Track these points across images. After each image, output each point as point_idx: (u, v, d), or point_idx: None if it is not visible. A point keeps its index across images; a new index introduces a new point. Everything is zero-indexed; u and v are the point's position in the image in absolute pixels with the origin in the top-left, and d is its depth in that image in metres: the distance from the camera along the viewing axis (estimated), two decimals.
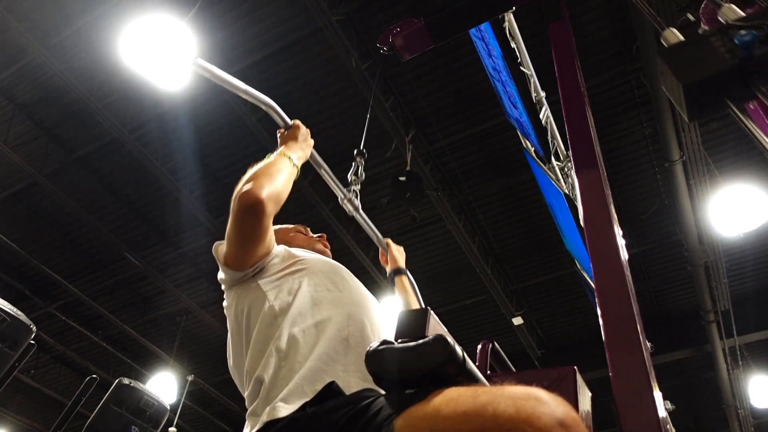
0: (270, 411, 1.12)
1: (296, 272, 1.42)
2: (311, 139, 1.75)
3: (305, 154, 1.69)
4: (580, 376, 1.85)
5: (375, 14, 5.30)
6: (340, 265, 1.55)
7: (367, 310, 1.40)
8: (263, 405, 1.16)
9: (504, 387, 0.84)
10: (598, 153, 2.23)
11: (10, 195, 7.24)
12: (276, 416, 1.10)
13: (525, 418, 0.77)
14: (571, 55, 2.74)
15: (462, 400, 0.85)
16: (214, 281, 8.21)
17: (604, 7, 5.24)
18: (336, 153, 6.45)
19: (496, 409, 0.80)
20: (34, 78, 6.05)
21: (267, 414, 1.12)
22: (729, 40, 1.01)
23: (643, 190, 6.76)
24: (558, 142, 5.54)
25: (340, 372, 1.19)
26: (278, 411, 1.10)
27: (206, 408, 10.82)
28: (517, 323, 8.01)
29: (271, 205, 1.33)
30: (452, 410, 0.84)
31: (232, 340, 1.44)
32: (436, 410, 0.86)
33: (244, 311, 1.39)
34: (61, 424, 4.17)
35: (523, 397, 0.80)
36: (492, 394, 0.83)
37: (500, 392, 0.83)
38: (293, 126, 1.74)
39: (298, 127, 1.73)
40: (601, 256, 1.86)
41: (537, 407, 0.78)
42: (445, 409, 0.85)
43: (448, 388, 0.90)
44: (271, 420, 1.10)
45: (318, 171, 1.98)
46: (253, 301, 1.38)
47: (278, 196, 1.38)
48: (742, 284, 7.69)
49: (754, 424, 9.26)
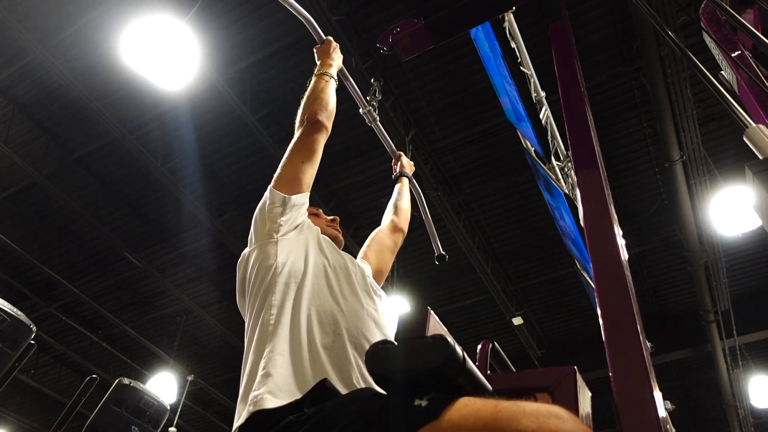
0: (256, 401, 1.12)
1: (306, 264, 1.44)
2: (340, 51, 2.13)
3: (338, 64, 2.08)
4: (580, 376, 1.85)
5: (375, 14, 5.30)
6: (350, 266, 1.55)
7: (369, 315, 1.41)
8: (248, 393, 1.16)
9: (523, 403, 0.84)
10: (598, 153, 2.23)
11: (10, 195, 7.24)
12: (262, 407, 1.10)
13: None
14: (571, 55, 2.74)
15: (481, 416, 0.84)
16: (214, 281, 8.27)
17: (604, 7, 5.24)
18: (336, 153, 6.48)
19: (518, 426, 0.79)
20: (34, 78, 6.05)
21: (253, 403, 1.12)
22: None
23: (643, 190, 6.76)
24: (558, 142, 5.54)
25: (333, 373, 1.19)
26: (264, 402, 1.11)
27: (206, 408, 10.82)
28: (517, 323, 8.02)
29: (329, 121, 1.70)
30: (472, 426, 0.84)
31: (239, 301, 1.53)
32: (454, 427, 0.85)
33: (250, 277, 1.44)
34: (61, 424, 4.16)
35: (545, 415, 0.80)
36: (513, 411, 0.82)
37: (521, 409, 0.82)
38: (326, 41, 2.14)
39: (330, 42, 2.13)
40: (601, 256, 1.86)
41: (559, 425, 0.78)
42: (464, 424, 0.84)
43: (459, 399, 0.89)
44: (257, 411, 1.10)
45: (344, 82, 2.35)
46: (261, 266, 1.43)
47: (331, 112, 1.75)
48: (742, 284, 7.69)
49: (754, 424, 9.26)
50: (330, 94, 1.81)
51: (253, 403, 1.12)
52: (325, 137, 1.67)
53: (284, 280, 1.38)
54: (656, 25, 1.74)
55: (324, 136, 1.66)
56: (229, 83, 5.64)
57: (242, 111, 5.79)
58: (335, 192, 6.83)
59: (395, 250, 2.07)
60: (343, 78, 2.28)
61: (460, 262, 7.38)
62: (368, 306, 1.44)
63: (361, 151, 6.37)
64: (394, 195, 2.35)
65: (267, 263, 1.42)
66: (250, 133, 6.12)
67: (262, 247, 1.46)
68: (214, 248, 7.66)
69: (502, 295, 7.69)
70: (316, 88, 1.81)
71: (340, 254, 1.59)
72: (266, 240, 1.47)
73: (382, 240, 2.03)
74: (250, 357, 1.28)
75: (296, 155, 1.60)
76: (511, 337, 8.55)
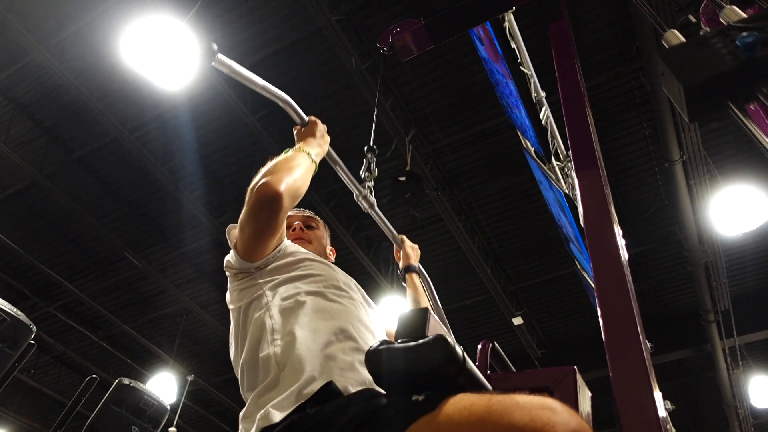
0: (264, 416, 1.11)
1: (298, 278, 1.42)
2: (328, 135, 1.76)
3: (323, 150, 1.69)
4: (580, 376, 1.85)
5: (375, 14, 5.30)
6: (338, 271, 1.55)
7: (363, 321, 1.40)
8: (256, 409, 1.15)
9: (516, 396, 0.84)
10: (598, 153, 2.23)
11: (10, 195, 7.24)
12: (271, 421, 1.09)
13: (540, 427, 0.77)
14: (571, 55, 2.74)
15: (475, 409, 0.84)
16: (214, 281, 8.26)
17: (604, 7, 5.24)
18: (337, 153, 6.48)
19: (511, 419, 0.79)
20: (34, 78, 6.05)
21: (261, 419, 1.11)
22: (731, 41, 1.01)
23: (643, 190, 6.76)
24: (558, 142, 5.54)
25: (336, 377, 1.19)
26: (272, 416, 1.10)
27: (206, 408, 10.82)
28: (517, 323, 8.01)
29: (289, 199, 1.33)
30: (466, 419, 0.84)
31: (232, 331, 1.45)
32: (449, 419, 0.86)
33: (242, 308, 1.40)
34: (61, 424, 4.16)
35: (537, 407, 0.80)
36: (506, 404, 0.82)
37: (514, 401, 0.82)
38: (310, 122, 1.75)
39: (315, 123, 1.74)
40: (601, 256, 1.86)
41: (551, 417, 0.78)
42: (458, 417, 0.85)
43: (456, 394, 0.89)
44: (266, 426, 1.10)
45: (334, 168, 1.99)
46: (253, 300, 1.39)
47: (297, 190, 1.37)
48: (742, 284, 7.69)
49: (754, 424, 9.26)
50: (304, 175, 1.44)
51: (262, 418, 1.12)
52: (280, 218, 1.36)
53: (277, 303, 1.36)
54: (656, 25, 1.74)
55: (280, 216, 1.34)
56: (229, 83, 5.64)
57: (242, 111, 5.79)
58: (335, 192, 6.83)
59: None
60: (331, 162, 1.92)
61: (460, 262, 7.38)
62: (361, 312, 1.43)
63: (361, 151, 6.35)
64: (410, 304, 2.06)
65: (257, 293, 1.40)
66: (250, 133, 6.12)
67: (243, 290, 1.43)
68: (214, 248, 7.66)
69: (502, 295, 7.69)
70: (291, 159, 1.45)
71: (324, 262, 1.57)
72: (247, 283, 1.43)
73: None
74: (250, 369, 1.27)
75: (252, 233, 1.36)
76: (511, 337, 8.55)
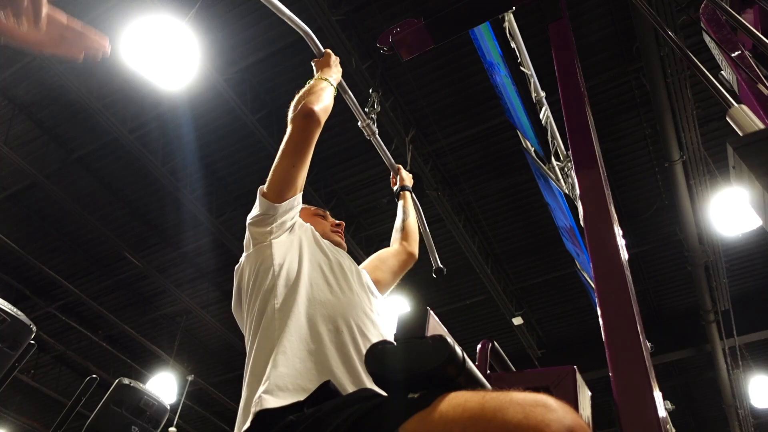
0: (259, 401, 1.14)
1: (301, 263, 1.45)
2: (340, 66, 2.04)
3: (338, 77, 1.98)
4: (580, 376, 1.85)
5: (375, 14, 5.30)
6: (345, 262, 1.57)
7: (365, 313, 1.41)
8: (252, 397, 1.18)
9: (511, 393, 0.83)
10: (598, 153, 2.23)
11: (10, 195, 7.24)
12: (265, 406, 1.12)
13: (534, 425, 0.76)
14: (571, 55, 2.75)
15: (469, 406, 0.84)
16: (214, 281, 8.26)
17: (604, 7, 5.24)
18: (337, 152, 6.49)
19: (504, 416, 0.79)
20: (34, 78, 6.05)
21: (256, 404, 1.14)
22: None
23: (643, 190, 6.76)
24: (558, 142, 5.54)
25: (334, 371, 1.20)
26: (267, 402, 1.12)
27: (206, 408, 10.81)
28: (517, 323, 8.01)
29: (322, 113, 1.60)
30: (459, 416, 0.84)
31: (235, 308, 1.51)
32: (443, 416, 0.86)
33: (251, 282, 1.44)
34: (61, 424, 4.16)
35: (531, 404, 0.79)
36: (500, 401, 0.82)
37: (508, 398, 0.82)
38: (326, 54, 2.05)
39: (329, 55, 2.05)
40: (601, 256, 1.86)
41: (546, 414, 0.77)
42: (452, 414, 0.85)
43: (452, 392, 0.89)
44: (260, 410, 1.12)
45: (343, 96, 2.30)
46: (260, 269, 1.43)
47: (326, 108, 1.65)
48: (742, 284, 7.69)
49: (754, 424, 9.26)
50: (328, 94, 1.72)
51: (256, 404, 1.14)
52: (318, 132, 1.58)
53: (283, 282, 1.39)
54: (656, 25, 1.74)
55: (317, 130, 1.58)
56: (229, 83, 5.64)
57: (242, 111, 5.79)
58: (335, 192, 6.83)
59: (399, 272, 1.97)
60: (342, 91, 2.22)
61: (460, 262, 7.38)
62: (364, 303, 1.45)
63: (361, 151, 6.36)
64: (400, 214, 2.26)
65: (264, 266, 1.44)
66: (250, 133, 6.12)
67: (258, 251, 1.48)
68: (214, 248, 7.66)
69: (502, 295, 7.68)
70: (314, 86, 1.74)
71: (336, 250, 1.61)
72: (260, 244, 1.48)
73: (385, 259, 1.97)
74: (253, 360, 1.29)
75: (288, 157, 1.53)
76: (511, 337, 8.55)
